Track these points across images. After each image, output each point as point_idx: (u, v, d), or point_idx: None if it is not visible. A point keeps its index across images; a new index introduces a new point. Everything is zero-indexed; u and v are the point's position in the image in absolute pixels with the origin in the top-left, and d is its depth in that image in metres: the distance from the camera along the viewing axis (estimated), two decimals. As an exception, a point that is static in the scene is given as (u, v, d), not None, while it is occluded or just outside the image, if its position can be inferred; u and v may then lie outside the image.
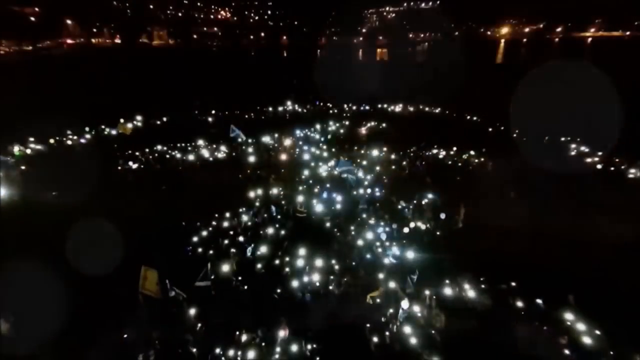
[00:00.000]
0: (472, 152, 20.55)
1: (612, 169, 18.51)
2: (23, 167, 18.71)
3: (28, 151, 20.45)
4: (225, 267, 10.69)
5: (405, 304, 8.94)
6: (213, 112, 30.75)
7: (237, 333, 8.59)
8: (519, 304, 9.14)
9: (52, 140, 21.82)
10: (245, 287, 10.41)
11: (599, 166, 19.08)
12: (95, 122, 25.33)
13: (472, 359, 8.29)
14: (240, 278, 10.55)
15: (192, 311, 9.09)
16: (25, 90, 44.05)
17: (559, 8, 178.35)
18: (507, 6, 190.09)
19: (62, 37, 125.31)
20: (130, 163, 19.26)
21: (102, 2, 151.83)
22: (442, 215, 13.62)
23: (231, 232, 12.67)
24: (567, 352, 8.08)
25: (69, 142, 22.44)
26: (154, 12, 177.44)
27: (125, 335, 8.73)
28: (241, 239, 12.17)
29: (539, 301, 9.09)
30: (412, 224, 12.92)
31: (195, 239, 12.25)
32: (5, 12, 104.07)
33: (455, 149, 21.00)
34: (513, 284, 9.74)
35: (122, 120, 25.18)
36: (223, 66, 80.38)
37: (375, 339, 8.53)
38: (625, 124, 25.57)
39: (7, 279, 9.99)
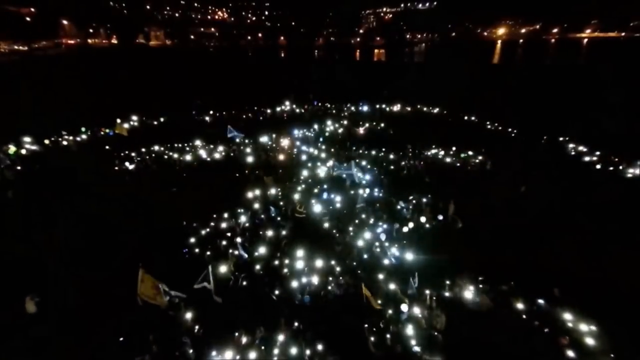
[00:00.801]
0: (470, 152, 20.53)
1: (611, 168, 18.47)
2: (19, 167, 18.51)
3: (23, 151, 20.24)
4: (223, 268, 10.61)
5: (405, 306, 8.86)
6: (211, 112, 30.58)
7: (236, 335, 8.50)
8: (520, 305, 9.05)
9: (47, 141, 21.57)
10: (244, 288, 10.28)
11: (597, 166, 19.10)
12: (92, 122, 25.18)
13: (473, 360, 8.24)
14: (238, 279, 10.41)
15: (189, 315, 8.95)
16: (21, 90, 43.78)
17: (556, 9, 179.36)
18: (503, 7, 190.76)
19: (58, 37, 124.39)
20: (127, 164, 19.06)
21: (99, 2, 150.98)
22: (440, 217, 13.60)
23: (229, 234, 12.52)
24: (568, 353, 8.03)
25: (65, 143, 22.21)
26: (151, 12, 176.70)
27: (122, 338, 8.62)
28: (239, 240, 12.04)
29: (540, 301, 9.03)
30: (411, 224, 12.82)
31: (192, 240, 12.11)
32: (0, 12, 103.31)
33: (454, 148, 20.95)
34: (513, 283, 9.67)
35: (118, 121, 25.04)
36: (221, 66, 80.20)
37: (374, 340, 8.45)
38: (623, 123, 25.84)
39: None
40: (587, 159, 19.89)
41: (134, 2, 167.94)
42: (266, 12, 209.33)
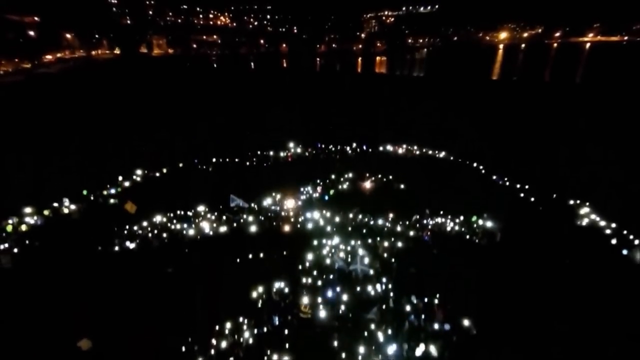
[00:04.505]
0: (480, 222, 19.75)
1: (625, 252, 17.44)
2: (16, 250, 17.56)
3: (23, 227, 19.24)
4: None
5: None
6: (214, 159, 30.10)
7: None
8: None
9: (46, 211, 20.75)
10: None
11: (613, 241, 18.26)
12: (95, 178, 24.72)
13: None
14: None
15: None
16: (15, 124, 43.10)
17: (558, 12, 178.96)
18: (505, 11, 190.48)
19: (62, 50, 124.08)
20: (128, 242, 18.42)
21: (102, 12, 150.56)
22: (447, 326, 12.95)
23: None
24: None
25: (66, 210, 21.41)
26: (154, 18, 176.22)
27: None
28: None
29: None
30: (422, 346, 12.13)
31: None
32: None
33: (462, 217, 20.18)
34: None
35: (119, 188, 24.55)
36: (222, 74, 79.90)
37: None
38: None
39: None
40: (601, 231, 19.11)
41: (136, 10, 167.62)
42: (268, 16, 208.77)
